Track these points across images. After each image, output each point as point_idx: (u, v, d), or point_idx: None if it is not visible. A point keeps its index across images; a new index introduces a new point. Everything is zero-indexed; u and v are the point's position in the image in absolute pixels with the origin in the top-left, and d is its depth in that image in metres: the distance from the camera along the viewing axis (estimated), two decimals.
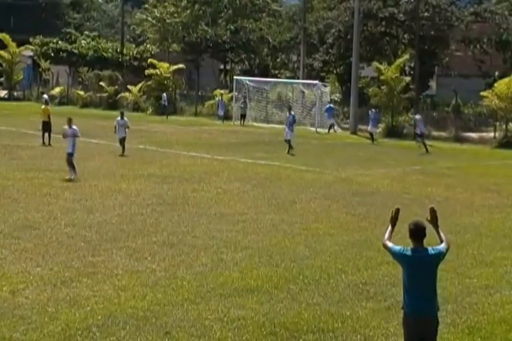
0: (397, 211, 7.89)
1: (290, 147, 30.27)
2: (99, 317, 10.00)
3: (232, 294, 11.18)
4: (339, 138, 39.16)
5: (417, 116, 35.52)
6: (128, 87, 55.14)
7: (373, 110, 37.86)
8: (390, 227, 7.94)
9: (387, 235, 7.90)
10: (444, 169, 27.34)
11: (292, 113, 32.61)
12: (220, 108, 47.84)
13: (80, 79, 63.92)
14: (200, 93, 55.64)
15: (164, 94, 50.45)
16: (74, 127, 22.38)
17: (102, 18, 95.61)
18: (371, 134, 37.46)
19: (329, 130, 42.63)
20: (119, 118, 28.65)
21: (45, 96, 40.16)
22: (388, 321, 10.10)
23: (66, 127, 22.52)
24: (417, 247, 7.62)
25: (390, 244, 7.80)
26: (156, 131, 39.24)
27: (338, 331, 9.78)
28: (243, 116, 46.52)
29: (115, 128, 28.47)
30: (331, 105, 44.14)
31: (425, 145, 32.98)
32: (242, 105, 46.87)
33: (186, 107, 53.40)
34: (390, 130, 40.93)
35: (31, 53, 68.05)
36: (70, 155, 21.94)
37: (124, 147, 27.81)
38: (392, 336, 9.55)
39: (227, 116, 48.61)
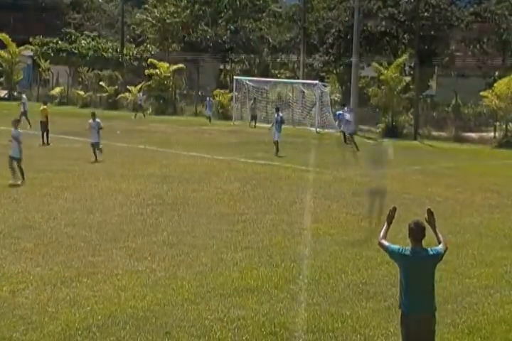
0: (394, 209, 7.94)
1: (277, 149, 29.65)
2: (99, 317, 10.01)
3: (232, 294, 11.19)
4: (339, 138, 39.03)
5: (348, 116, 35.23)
6: (128, 87, 55.10)
7: (345, 109, 37.15)
8: (386, 225, 7.96)
9: (382, 233, 7.91)
10: (444, 169, 27.33)
11: (280, 114, 31.76)
12: (208, 108, 47.61)
13: (80, 79, 63.88)
14: (200, 93, 55.59)
15: (141, 94, 50.16)
16: (19, 130, 21.38)
17: (102, 18, 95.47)
18: (344, 134, 35.80)
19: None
20: (90, 120, 26.56)
21: (24, 96, 40.10)
22: (388, 321, 10.10)
23: (13, 129, 21.49)
24: (416, 247, 7.63)
25: (386, 243, 7.82)
26: (156, 131, 39.23)
27: (338, 331, 9.78)
28: (254, 118, 45.36)
29: (89, 131, 26.50)
30: (341, 112, 43.00)
31: (355, 144, 32.21)
32: (252, 106, 46.10)
33: (186, 107, 53.38)
34: (389, 130, 40.88)
35: (31, 53, 68.04)
36: (13, 159, 20.71)
37: (95, 153, 25.77)
38: (392, 336, 9.55)
39: (226, 116, 48.56)
